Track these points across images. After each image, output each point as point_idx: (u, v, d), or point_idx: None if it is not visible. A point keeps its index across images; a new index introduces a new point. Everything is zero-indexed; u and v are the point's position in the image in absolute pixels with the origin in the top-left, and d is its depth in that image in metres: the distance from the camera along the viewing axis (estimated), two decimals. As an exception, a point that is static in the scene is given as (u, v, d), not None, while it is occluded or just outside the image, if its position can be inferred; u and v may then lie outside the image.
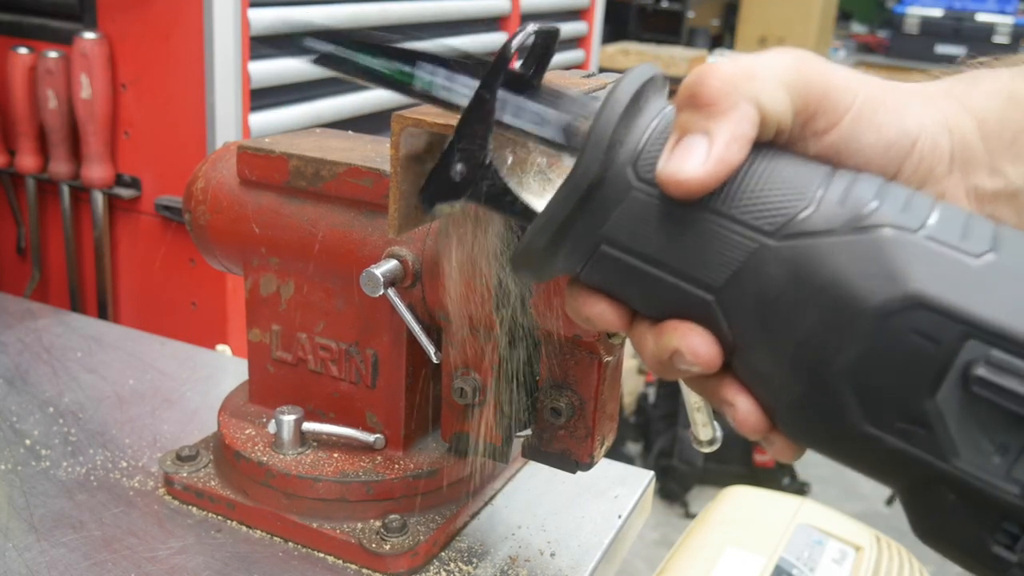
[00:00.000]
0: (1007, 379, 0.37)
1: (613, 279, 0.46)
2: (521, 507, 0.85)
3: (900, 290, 0.38)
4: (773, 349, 0.42)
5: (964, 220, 0.40)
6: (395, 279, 0.70)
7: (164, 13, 1.35)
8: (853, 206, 0.40)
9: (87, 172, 1.45)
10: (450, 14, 1.85)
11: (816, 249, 0.40)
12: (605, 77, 0.73)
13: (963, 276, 0.38)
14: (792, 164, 0.43)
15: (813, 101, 0.44)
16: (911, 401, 0.38)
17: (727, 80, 0.42)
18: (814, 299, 0.40)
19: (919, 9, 5.56)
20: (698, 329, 0.44)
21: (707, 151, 0.41)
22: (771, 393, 0.43)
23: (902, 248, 0.39)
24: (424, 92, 0.53)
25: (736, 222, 0.42)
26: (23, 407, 0.97)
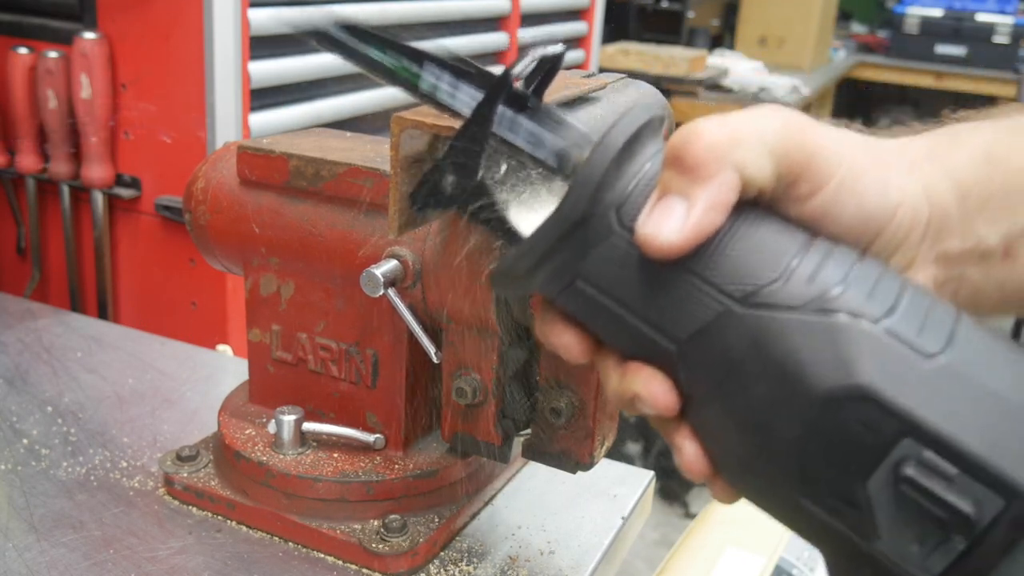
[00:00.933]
0: (933, 481, 0.39)
1: (584, 312, 0.47)
2: (521, 507, 0.85)
3: (849, 380, 0.40)
4: (724, 408, 0.43)
5: (925, 311, 0.42)
6: (395, 279, 0.70)
7: (164, 13, 1.35)
8: (820, 287, 0.42)
9: (87, 172, 1.45)
10: (450, 14, 1.85)
11: (778, 323, 0.41)
12: (605, 77, 0.73)
13: (911, 376, 0.39)
14: (769, 231, 0.44)
15: (797, 167, 0.44)
16: (845, 483, 0.40)
17: (712, 146, 0.43)
18: (769, 371, 0.41)
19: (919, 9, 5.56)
20: (659, 376, 0.45)
21: (685, 216, 0.42)
22: (717, 446, 0.45)
23: (858, 338, 0.40)
24: (427, 94, 0.53)
25: (707, 283, 0.43)
26: (23, 407, 0.97)
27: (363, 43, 0.53)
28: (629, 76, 0.77)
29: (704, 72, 3.74)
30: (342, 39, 0.54)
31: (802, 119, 0.45)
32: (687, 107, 3.72)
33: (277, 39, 1.44)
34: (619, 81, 0.74)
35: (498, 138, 0.50)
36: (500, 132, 0.50)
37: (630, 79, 0.76)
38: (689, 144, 0.43)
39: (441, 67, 0.52)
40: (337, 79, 1.57)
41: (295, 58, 1.48)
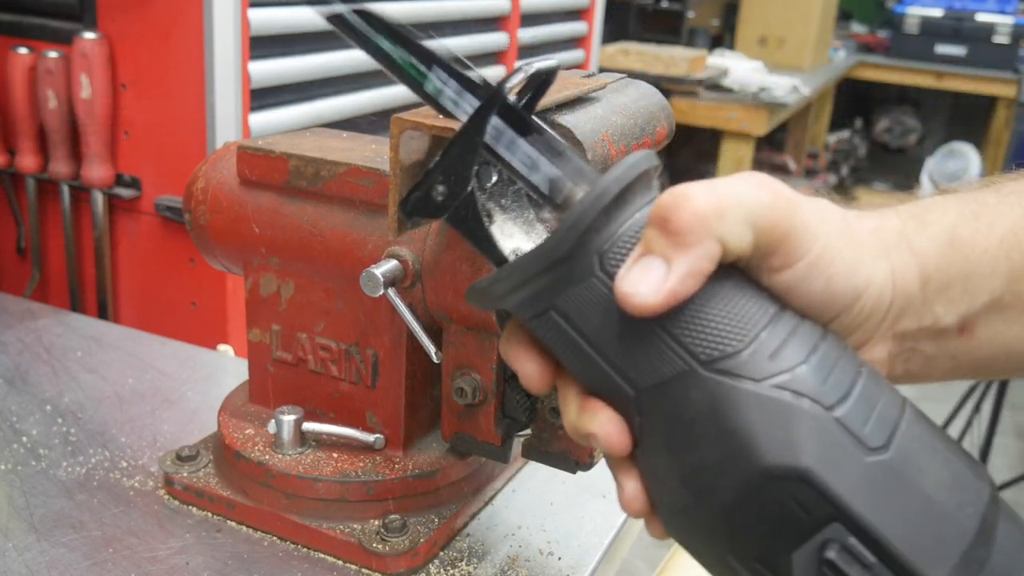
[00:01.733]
0: (851, 566, 0.42)
1: (552, 342, 0.49)
2: (521, 507, 0.85)
3: (792, 461, 0.42)
4: (671, 460, 0.45)
5: (873, 404, 0.44)
6: (395, 279, 0.70)
7: (164, 13, 1.35)
8: (781, 364, 0.44)
9: (87, 172, 1.45)
10: (450, 14, 1.85)
11: (736, 392, 0.43)
12: (605, 77, 0.73)
13: (851, 467, 0.42)
14: (742, 298, 0.46)
15: (774, 242, 0.46)
16: (771, 552, 0.43)
17: (698, 215, 0.44)
18: (720, 436, 0.43)
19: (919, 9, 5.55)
20: (616, 420, 0.48)
21: (663, 279, 0.44)
22: (659, 491, 0.48)
23: (808, 423, 0.42)
24: (430, 97, 0.53)
25: (675, 340, 0.45)
26: (23, 407, 0.97)
27: (377, 33, 0.54)
28: (629, 76, 0.77)
29: (704, 72, 3.74)
30: (356, 25, 0.54)
31: (787, 193, 0.47)
32: (687, 107, 3.72)
33: (277, 39, 1.44)
34: (619, 81, 0.75)
35: (496, 155, 0.51)
36: (499, 151, 0.51)
37: (630, 79, 0.76)
38: (676, 209, 0.44)
39: (449, 73, 0.53)
40: (337, 79, 1.57)
41: (295, 58, 1.48)
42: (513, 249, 0.52)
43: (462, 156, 0.51)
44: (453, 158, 0.51)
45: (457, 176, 0.51)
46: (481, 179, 0.53)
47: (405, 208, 0.54)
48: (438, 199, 0.52)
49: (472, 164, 0.51)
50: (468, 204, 0.52)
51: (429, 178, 0.52)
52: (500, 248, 0.52)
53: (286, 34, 1.45)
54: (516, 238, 0.53)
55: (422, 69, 0.53)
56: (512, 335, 0.52)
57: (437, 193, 0.52)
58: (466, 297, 0.51)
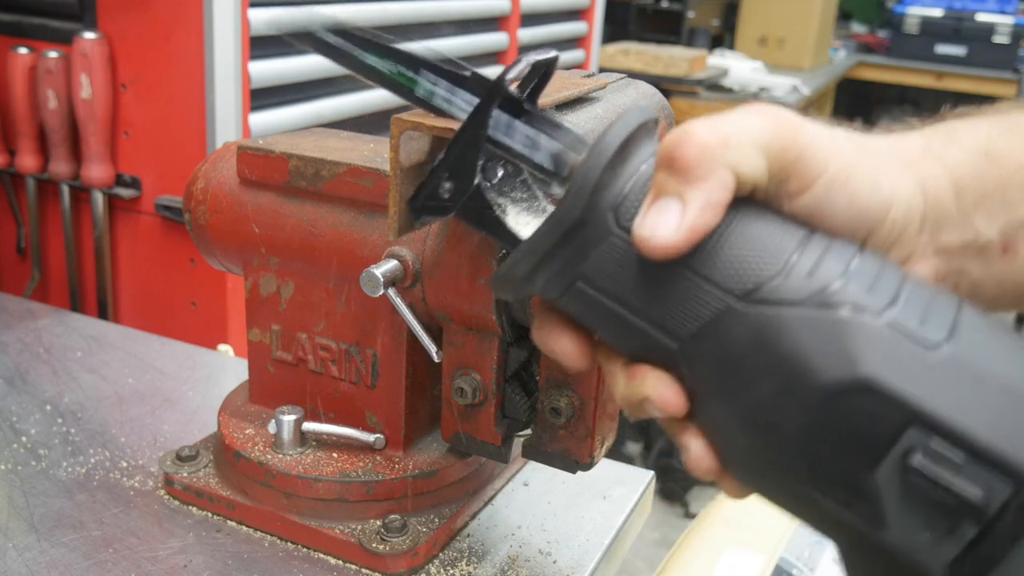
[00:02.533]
0: (940, 469, 0.39)
1: (585, 314, 0.48)
2: (521, 507, 0.85)
3: (852, 372, 0.40)
4: (729, 404, 0.43)
5: (927, 302, 0.42)
6: (395, 279, 0.70)
7: (164, 13, 1.35)
8: (820, 281, 0.42)
9: (87, 172, 1.45)
10: (450, 14, 1.85)
11: (780, 319, 0.42)
12: (605, 77, 0.73)
13: (914, 366, 0.40)
14: (767, 226, 0.44)
15: (787, 164, 0.45)
16: (851, 474, 0.41)
17: (703, 147, 0.43)
18: (772, 366, 0.42)
19: (919, 9, 5.55)
20: (667, 379, 0.46)
21: (680, 217, 0.43)
22: (724, 443, 0.45)
23: (860, 331, 0.40)
24: (423, 100, 0.53)
25: (707, 281, 0.43)
26: (23, 407, 0.97)
27: (356, 47, 0.54)
28: (629, 76, 0.77)
29: (704, 72, 3.74)
30: (333, 43, 0.54)
31: (792, 117, 0.46)
32: (687, 107, 3.71)
33: (277, 39, 1.44)
34: (619, 81, 0.75)
35: (495, 142, 0.50)
36: (497, 136, 0.50)
37: (630, 79, 0.76)
38: (681, 146, 0.43)
39: (437, 72, 0.53)
40: (337, 79, 1.57)
41: (295, 58, 1.48)
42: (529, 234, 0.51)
43: (467, 151, 0.50)
44: (458, 154, 0.51)
45: (463, 171, 0.51)
46: (487, 174, 0.52)
47: (414, 207, 0.53)
48: (445, 195, 0.52)
49: (477, 158, 0.50)
50: (476, 197, 0.51)
51: (435, 176, 0.52)
52: (516, 234, 0.51)
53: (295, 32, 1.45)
54: (530, 224, 0.52)
55: (410, 75, 0.53)
56: (543, 319, 0.51)
57: (444, 190, 0.52)
58: (491, 287, 0.50)
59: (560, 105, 0.64)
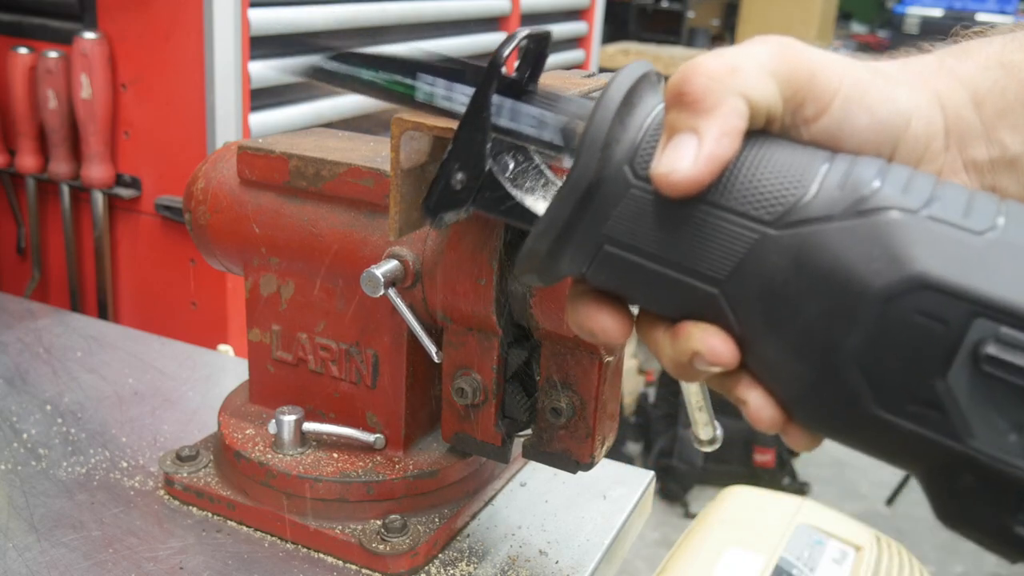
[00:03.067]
0: (1018, 356, 0.36)
1: (618, 278, 0.45)
2: (521, 507, 0.85)
3: (904, 272, 0.38)
4: (781, 338, 0.41)
5: (966, 197, 0.40)
6: (396, 279, 0.70)
7: (164, 13, 1.35)
8: (853, 189, 0.40)
9: (87, 172, 1.45)
10: (450, 14, 1.85)
11: (817, 236, 0.40)
12: (605, 77, 0.73)
13: (967, 255, 0.38)
14: (789, 151, 0.42)
15: (801, 87, 0.43)
16: (922, 383, 0.38)
17: (712, 76, 0.42)
18: (818, 286, 0.40)
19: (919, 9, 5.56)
20: (713, 330, 0.44)
21: (697, 149, 0.41)
22: (782, 384, 0.43)
23: (904, 229, 0.38)
24: (426, 103, 0.53)
25: (736, 213, 0.41)
26: (23, 407, 0.97)
27: (355, 67, 0.54)
28: (629, 76, 0.77)
29: (704, 72, 3.73)
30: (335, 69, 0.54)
31: (797, 43, 0.45)
32: (687, 107, 3.71)
33: (277, 39, 1.44)
34: (619, 81, 0.74)
35: (502, 130, 0.50)
36: (502, 123, 0.49)
37: (630, 79, 0.76)
38: (689, 78, 0.42)
39: (433, 73, 0.52)
40: (337, 79, 1.56)
41: (295, 59, 1.47)
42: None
43: (473, 136, 0.49)
44: (465, 141, 0.50)
45: (472, 159, 0.50)
46: (499, 165, 0.51)
47: (429, 206, 0.52)
48: (458, 188, 0.50)
49: (484, 143, 0.49)
50: (490, 183, 0.50)
51: (445, 170, 0.51)
52: (534, 212, 0.49)
53: (286, 34, 1.45)
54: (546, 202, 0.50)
55: (407, 82, 0.53)
56: (575, 301, 0.49)
57: (457, 182, 0.50)
58: (517, 271, 0.48)
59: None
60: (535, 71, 0.52)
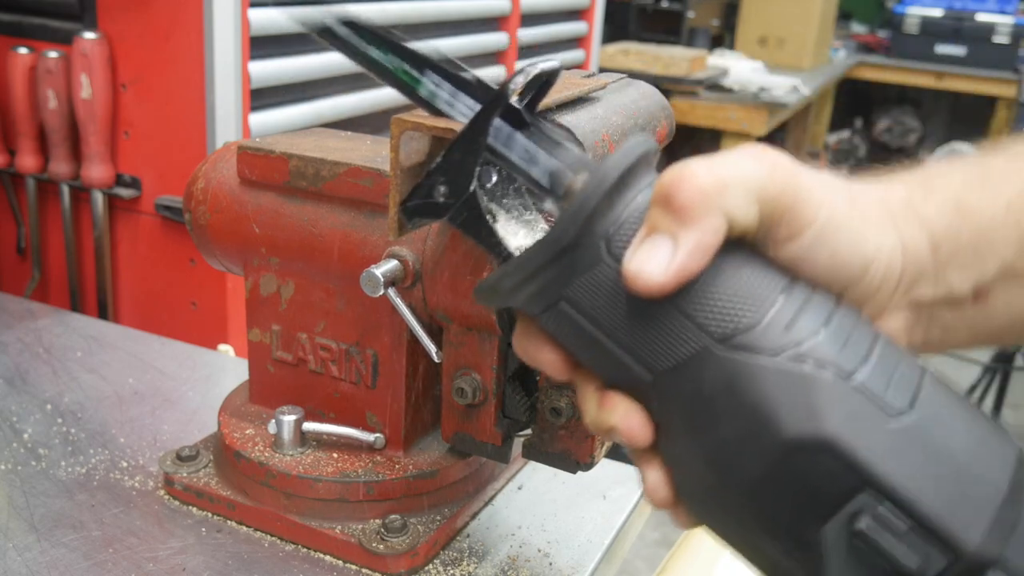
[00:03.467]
0: (884, 535, 0.41)
1: (566, 334, 0.48)
2: (521, 507, 0.85)
3: (816, 431, 0.41)
4: (694, 442, 0.45)
5: (893, 368, 0.43)
6: (395, 279, 0.70)
7: (164, 13, 1.35)
8: (796, 335, 0.43)
9: (87, 172, 1.45)
10: (450, 14, 1.85)
11: (753, 367, 0.43)
12: (605, 77, 0.73)
13: (875, 432, 0.41)
14: (752, 271, 0.45)
15: (780, 213, 0.45)
16: (800, 526, 0.42)
17: (701, 190, 0.44)
18: (741, 412, 0.43)
19: (919, 9, 5.55)
20: (636, 410, 0.47)
21: (671, 256, 0.44)
22: (683, 478, 0.47)
23: (828, 390, 0.42)
24: (425, 100, 0.54)
25: (688, 318, 0.44)
26: (23, 407, 0.97)
27: (365, 42, 0.54)
28: (629, 76, 0.77)
29: (704, 72, 3.74)
30: (344, 36, 0.54)
31: (788, 163, 0.47)
32: (687, 107, 3.71)
33: (277, 39, 1.44)
34: (619, 81, 0.75)
35: (494, 152, 0.51)
36: (496, 146, 0.51)
37: (630, 79, 0.76)
38: (679, 185, 0.44)
39: (442, 75, 0.53)
40: (337, 79, 1.57)
41: (295, 58, 1.48)
42: (518, 246, 0.52)
43: (465, 158, 0.51)
44: (455, 160, 0.51)
45: (459, 177, 0.51)
46: (482, 179, 0.52)
47: (407, 210, 0.54)
48: (439, 200, 0.52)
49: (475, 165, 0.50)
50: (470, 204, 0.51)
51: (430, 180, 0.52)
52: (505, 245, 0.51)
53: (286, 34, 1.45)
54: (520, 236, 0.53)
55: (414, 74, 0.53)
56: (524, 331, 0.51)
57: (439, 194, 0.52)
58: (474, 295, 0.51)
59: (560, 105, 0.64)
60: (536, 98, 0.53)
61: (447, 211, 0.52)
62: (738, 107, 3.72)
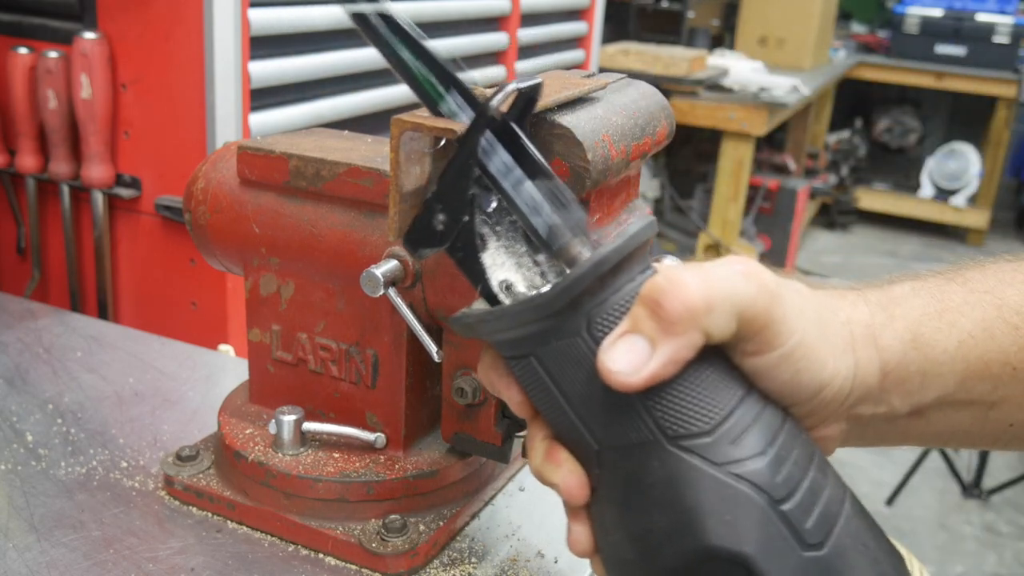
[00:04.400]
0: None
1: (527, 383, 0.51)
2: (521, 507, 0.85)
3: (736, 546, 0.45)
4: (623, 517, 0.48)
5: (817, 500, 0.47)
6: (395, 279, 0.70)
7: (164, 13, 1.35)
8: (741, 451, 0.46)
9: (87, 172, 1.45)
10: (450, 14, 1.85)
11: (695, 472, 0.46)
12: (605, 77, 0.73)
13: (789, 560, 0.45)
14: (712, 380, 0.48)
15: (754, 331, 0.48)
16: None
17: (688, 306, 0.46)
18: (673, 507, 0.46)
19: (919, 9, 5.56)
20: (577, 473, 0.50)
21: (645, 360, 0.46)
22: (604, 540, 0.51)
23: (756, 513, 0.45)
24: (442, 115, 0.55)
25: (646, 411, 0.47)
26: (23, 407, 0.97)
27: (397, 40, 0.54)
28: (629, 76, 0.77)
29: (704, 72, 3.74)
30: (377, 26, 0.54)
31: (772, 285, 0.49)
32: (687, 107, 3.71)
33: (277, 39, 1.44)
34: (619, 81, 0.75)
35: (503, 191, 0.52)
36: (505, 187, 0.52)
37: (630, 79, 0.76)
38: (668, 296, 0.46)
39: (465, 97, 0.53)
40: (337, 79, 1.57)
41: (295, 58, 1.48)
42: (501, 280, 0.53)
43: (457, 183, 0.52)
44: (449, 186, 0.52)
45: (455, 204, 0.52)
46: (481, 204, 0.54)
47: (410, 240, 0.55)
48: (439, 228, 0.53)
49: (467, 190, 0.52)
50: (465, 235, 0.53)
51: (429, 207, 0.53)
52: (490, 280, 0.53)
53: (286, 34, 1.45)
54: (506, 269, 0.54)
55: (440, 89, 0.54)
56: (492, 364, 0.54)
57: (438, 222, 0.53)
58: (451, 324, 0.53)
59: (560, 105, 0.64)
60: (524, 113, 0.54)
61: (447, 239, 0.53)
62: (738, 107, 3.72)
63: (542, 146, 0.62)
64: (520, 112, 0.54)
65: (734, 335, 0.48)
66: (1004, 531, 2.96)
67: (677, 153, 4.58)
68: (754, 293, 0.48)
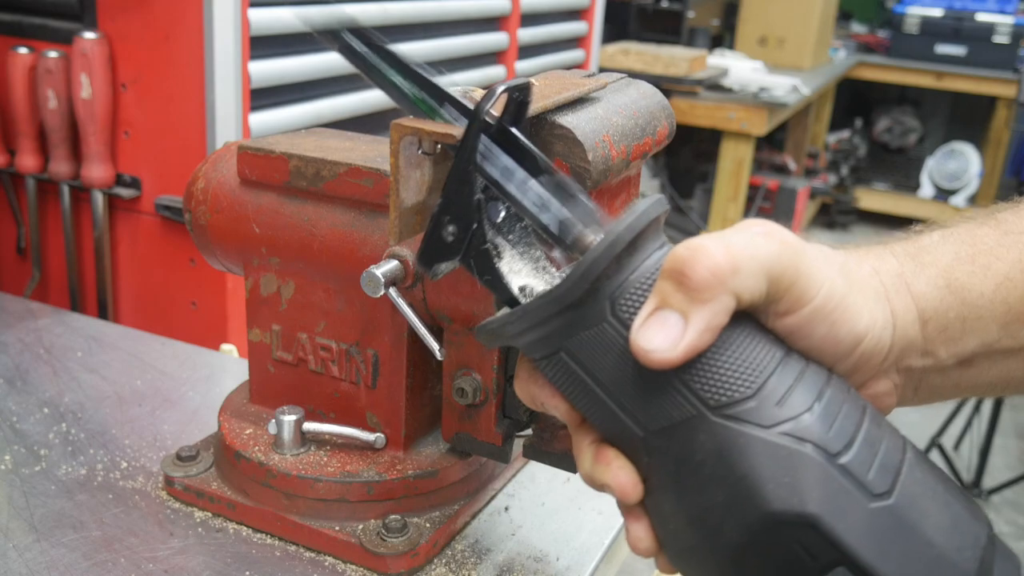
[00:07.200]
0: None
1: (561, 381, 0.50)
2: (521, 507, 0.85)
3: (800, 508, 0.43)
4: (681, 501, 0.47)
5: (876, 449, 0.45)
6: (396, 279, 0.70)
7: (164, 13, 1.35)
8: (789, 410, 0.45)
9: (87, 172, 1.45)
10: (450, 14, 1.85)
11: (744, 438, 0.44)
12: (605, 77, 0.73)
13: (855, 513, 0.43)
14: (750, 344, 0.47)
15: (784, 289, 0.47)
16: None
17: (714, 271, 0.45)
18: (728, 479, 0.44)
19: (919, 9, 5.56)
20: (628, 468, 0.49)
21: (681, 334, 0.45)
22: (666, 532, 0.49)
23: (815, 470, 0.44)
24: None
25: (685, 386, 0.46)
26: (23, 407, 0.97)
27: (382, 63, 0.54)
28: (629, 76, 0.77)
29: (704, 72, 3.74)
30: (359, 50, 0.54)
31: (794, 241, 0.48)
32: (687, 107, 3.71)
33: (277, 39, 1.44)
34: (619, 81, 0.75)
35: (508, 195, 0.52)
36: (510, 190, 0.52)
37: (630, 79, 0.76)
38: (693, 264, 0.45)
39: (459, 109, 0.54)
40: (337, 79, 1.57)
41: (295, 58, 1.48)
42: (521, 286, 0.53)
43: (460, 190, 0.52)
44: (453, 195, 0.52)
45: (462, 212, 0.52)
46: (490, 214, 0.53)
47: (424, 260, 0.54)
48: (450, 239, 0.53)
49: (472, 196, 0.51)
50: (477, 244, 0.53)
51: (437, 222, 0.53)
52: (509, 287, 0.52)
53: (286, 34, 1.45)
54: (524, 275, 0.54)
55: (432, 104, 0.54)
56: (529, 376, 0.53)
57: (448, 234, 0.53)
58: (476, 335, 0.52)
59: (560, 105, 0.64)
60: (519, 114, 0.54)
61: (459, 249, 0.53)
62: (738, 107, 3.72)
63: (543, 147, 0.62)
64: (514, 114, 0.54)
65: (764, 296, 0.47)
66: (1004, 531, 2.96)
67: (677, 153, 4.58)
68: (777, 250, 0.47)
